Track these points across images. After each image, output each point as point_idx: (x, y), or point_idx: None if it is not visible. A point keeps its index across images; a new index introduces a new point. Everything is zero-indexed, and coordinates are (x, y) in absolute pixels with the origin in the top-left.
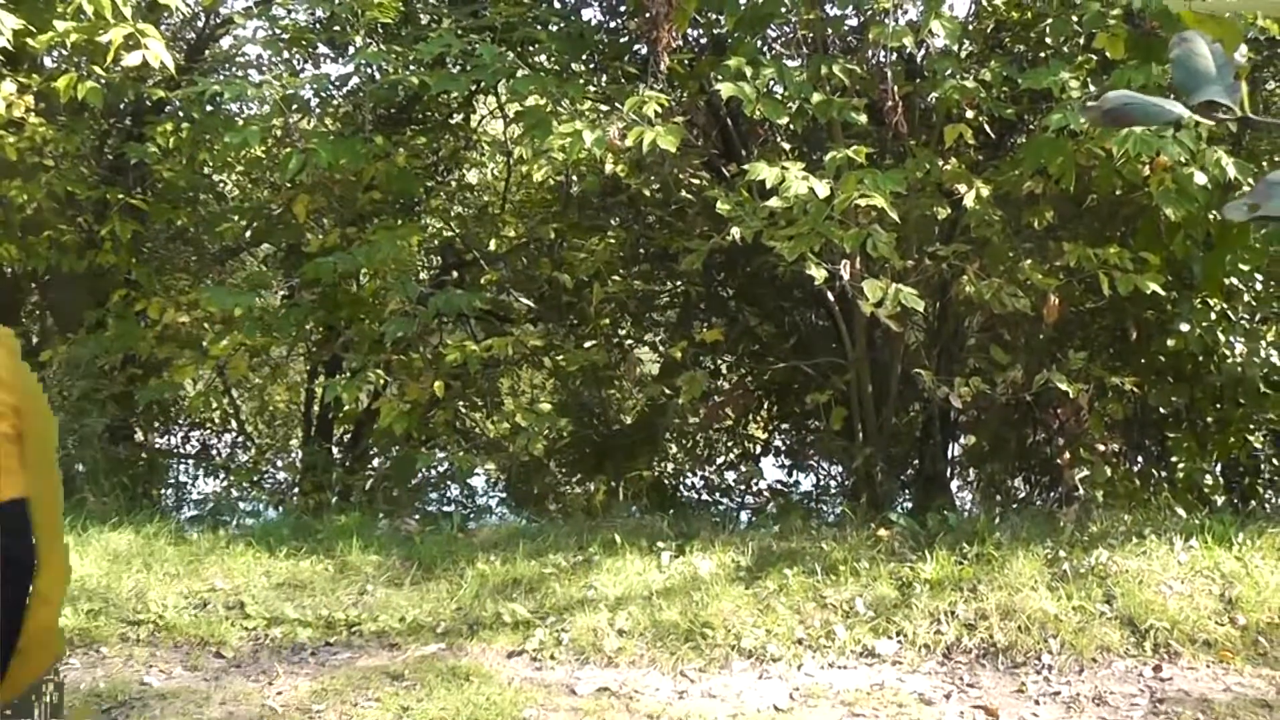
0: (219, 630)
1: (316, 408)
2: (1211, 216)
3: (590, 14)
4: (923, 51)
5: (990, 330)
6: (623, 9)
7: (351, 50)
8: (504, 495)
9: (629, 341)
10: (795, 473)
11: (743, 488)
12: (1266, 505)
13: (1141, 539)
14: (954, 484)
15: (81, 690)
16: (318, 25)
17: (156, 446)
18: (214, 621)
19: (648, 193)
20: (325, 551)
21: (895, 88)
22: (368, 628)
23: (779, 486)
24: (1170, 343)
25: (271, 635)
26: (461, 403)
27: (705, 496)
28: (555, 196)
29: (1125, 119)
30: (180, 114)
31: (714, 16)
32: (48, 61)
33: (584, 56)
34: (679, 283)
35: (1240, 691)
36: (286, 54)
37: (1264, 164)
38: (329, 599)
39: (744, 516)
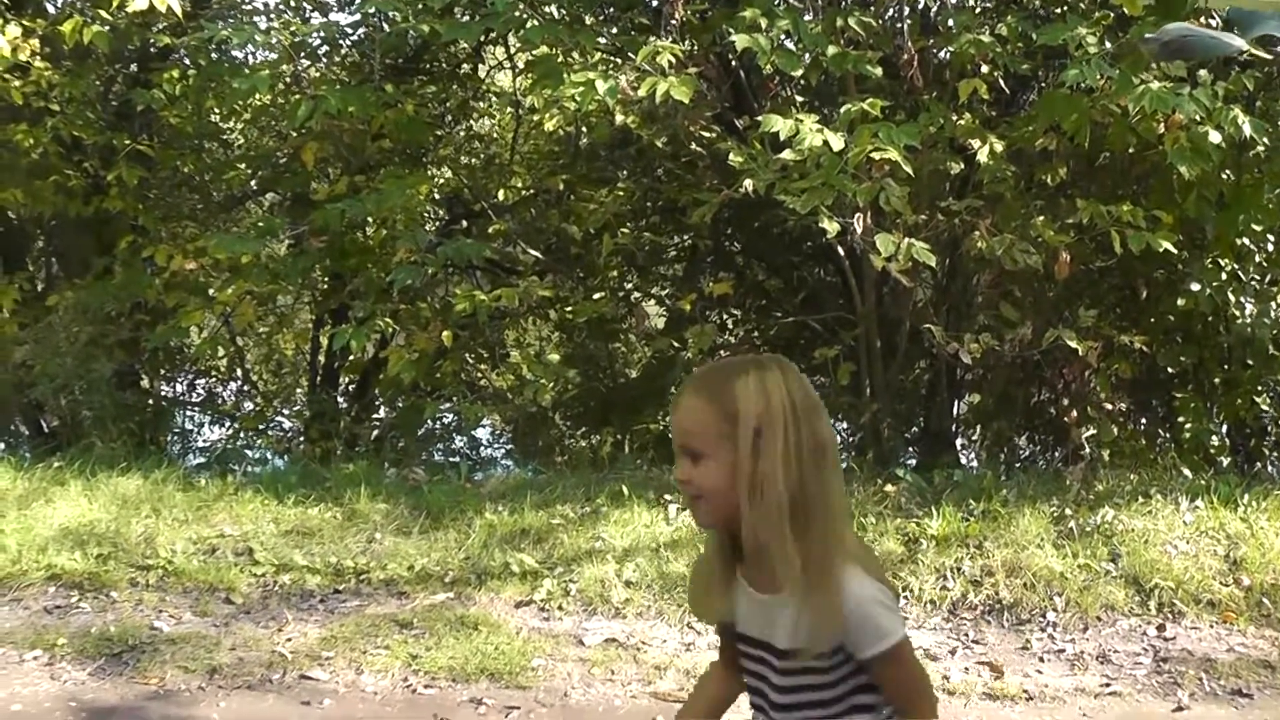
0: (228, 576)
1: (322, 358)
2: (1225, 176)
3: None
4: (937, 5)
5: (999, 287)
6: None
7: None
8: (509, 447)
9: (636, 294)
10: None
11: None
12: (1272, 467)
13: (1147, 498)
14: (959, 442)
15: (92, 634)
16: None
17: (163, 394)
18: (223, 567)
19: (659, 145)
20: (333, 499)
21: (910, 42)
22: (376, 576)
23: None
24: (1180, 302)
25: (280, 582)
26: (468, 354)
27: None
28: (563, 148)
29: (1185, 51)
30: (186, 61)
31: None
32: (51, 8)
33: (595, 7)
34: (687, 236)
35: (1243, 652)
36: (294, 1)
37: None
38: (337, 546)
39: None
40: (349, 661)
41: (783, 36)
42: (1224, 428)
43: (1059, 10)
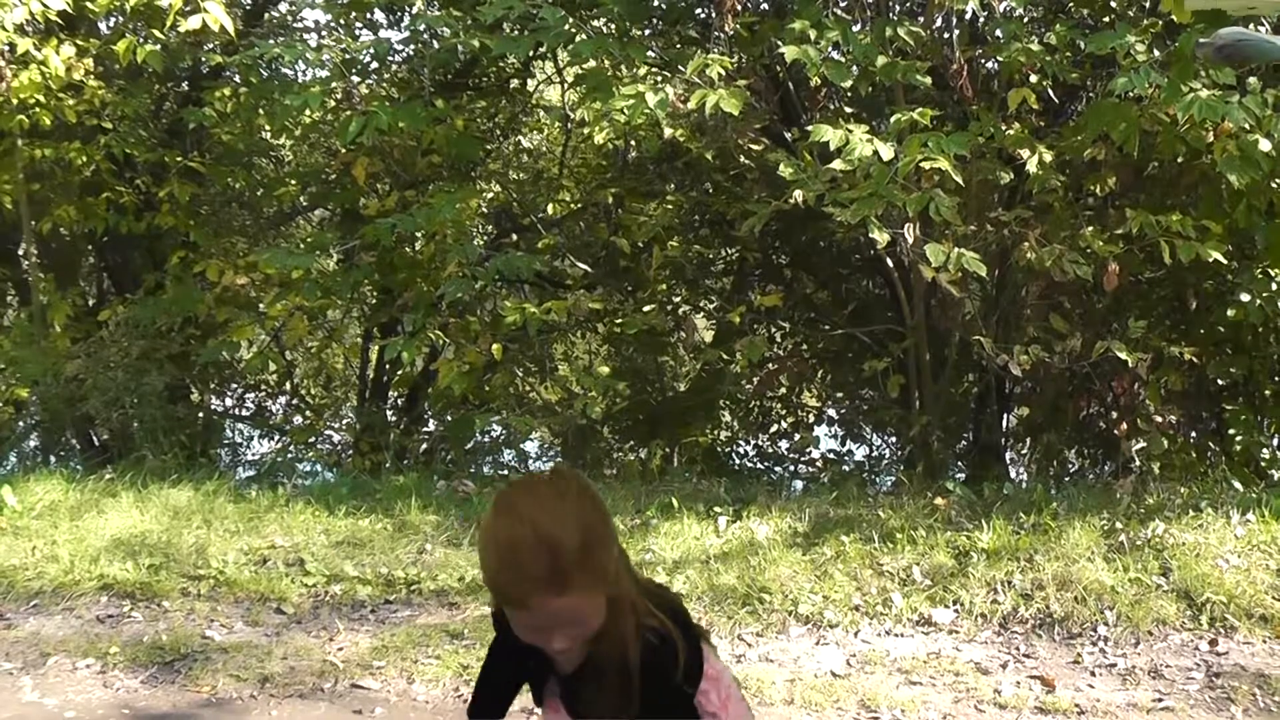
0: (279, 586)
1: (372, 371)
2: (1275, 184)
3: None
4: (986, 15)
5: (1048, 298)
6: None
7: (408, 15)
8: (558, 460)
9: (684, 307)
10: (848, 442)
11: (795, 456)
12: None
13: (1198, 512)
14: (1008, 455)
15: (144, 643)
16: None
17: (213, 407)
18: (274, 578)
19: (707, 157)
20: (384, 511)
21: (959, 51)
22: (427, 586)
23: (832, 456)
24: (1230, 313)
25: (331, 592)
26: (517, 367)
27: (759, 464)
28: (612, 162)
29: (1239, 55)
30: (236, 79)
31: None
32: (104, 28)
33: (644, 21)
34: (735, 249)
35: None
36: (344, 19)
37: None
38: (388, 557)
39: (797, 485)
40: (400, 671)
41: (831, 48)
42: (1275, 440)
43: (1107, 19)
